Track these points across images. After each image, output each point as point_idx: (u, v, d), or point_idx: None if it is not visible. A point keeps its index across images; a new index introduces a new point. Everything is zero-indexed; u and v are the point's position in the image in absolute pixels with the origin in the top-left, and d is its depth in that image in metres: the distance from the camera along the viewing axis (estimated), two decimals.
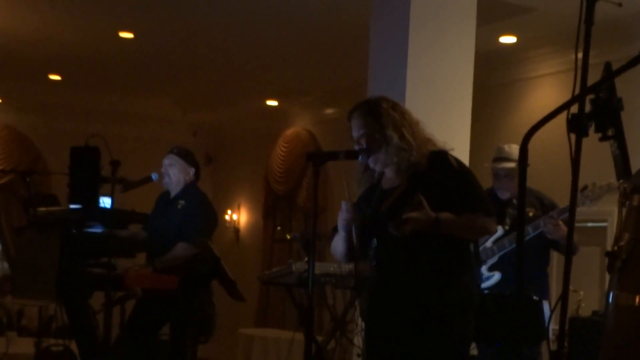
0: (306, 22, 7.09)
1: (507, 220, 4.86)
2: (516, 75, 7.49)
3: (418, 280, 3.21)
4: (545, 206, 4.86)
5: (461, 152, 4.16)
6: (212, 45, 8.05)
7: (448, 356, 3.20)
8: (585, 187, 4.63)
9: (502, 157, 4.96)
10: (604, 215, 6.24)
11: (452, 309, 3.18)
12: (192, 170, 5.53)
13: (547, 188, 5.15)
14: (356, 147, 3.31)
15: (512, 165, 4.86)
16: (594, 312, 5.62)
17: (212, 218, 5.60)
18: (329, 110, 10.04)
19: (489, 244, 4.86)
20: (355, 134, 3.32)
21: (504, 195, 4.94)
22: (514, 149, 4.93)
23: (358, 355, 5.13)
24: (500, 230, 4.82)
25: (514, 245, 4.76)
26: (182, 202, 5.42)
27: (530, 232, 4.68)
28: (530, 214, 4.81)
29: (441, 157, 3.25)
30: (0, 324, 9.02)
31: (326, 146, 9.45)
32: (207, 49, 8.18)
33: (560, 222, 4.66)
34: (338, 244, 3.39)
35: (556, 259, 5.30)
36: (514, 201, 4.90)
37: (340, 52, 7.83)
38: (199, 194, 5.55)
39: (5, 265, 11.27)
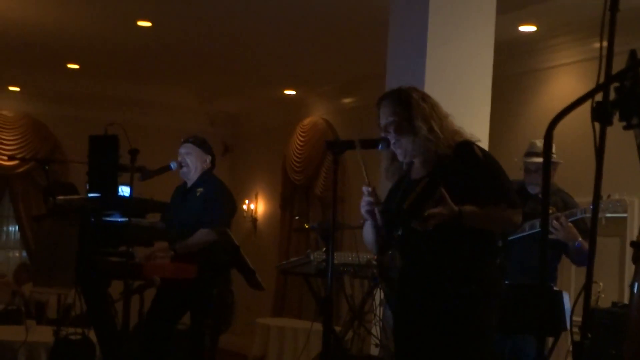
0: (324, 11, 7.06)
1: (524, 210, 4.82)
2: (536, 64, 7.42)
3: (439, 271, 3.20)
4: (567, 209, 4.81)
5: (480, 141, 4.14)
6: (229, 35, 8.04)
7: (471, 346, 3.18)
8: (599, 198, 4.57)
9: (533, 152, 4.91)
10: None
11: (472, 299, 3.16)
12: (208, 158, 5.54)
13: (567, 180, 5.11)
14: (382, 135, 3.29)
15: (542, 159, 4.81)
16: (614, 304, 5.58)
17: (230, 204, 5.60)
18: (347, 100, 10.01)
19: None
20: (383, 121, 3.29)
21: (534, 190, 4.90)
22: None
23: (376, 345, 5.12)
24: None
25: (518, 236, 4.72)
26: (200, 189, 5.42)
27: (536, 226, 4.63)
28: (550, 212, 4.76)
29: (467, 148, 3.22)
30: (18, 312, 9.07)
31: (344, 135, 9.42)
32: (225, 38, 8.17)
33: (569, 225, 4.60)
34: (368, 233, 3.37)
35: None
36: (540, 196, 4.86)
37: (358, 41, 7.80)
38: (217, 180, 5.55)
39: (24, 254, 11.37)
